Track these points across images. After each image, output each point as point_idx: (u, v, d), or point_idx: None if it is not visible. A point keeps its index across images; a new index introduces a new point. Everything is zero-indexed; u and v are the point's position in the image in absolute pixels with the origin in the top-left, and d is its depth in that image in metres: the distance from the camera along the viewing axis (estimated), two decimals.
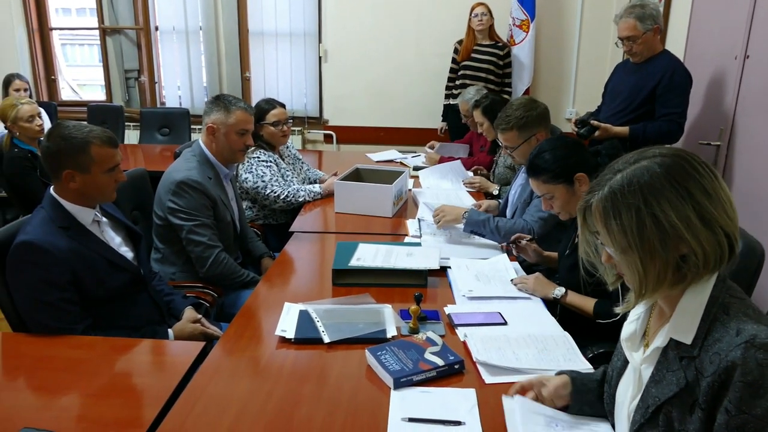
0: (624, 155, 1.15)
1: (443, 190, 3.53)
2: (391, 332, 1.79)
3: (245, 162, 3.21)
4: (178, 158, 2.65)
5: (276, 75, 5.68)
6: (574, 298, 2.00)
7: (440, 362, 1.59)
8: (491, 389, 1.53)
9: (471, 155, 4.30)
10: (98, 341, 1.80)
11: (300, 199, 3.24)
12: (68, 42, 8.18)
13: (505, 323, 1.89)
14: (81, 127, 1.90)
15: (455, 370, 1.60)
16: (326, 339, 1.74)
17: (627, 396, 1.24)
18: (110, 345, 1.78)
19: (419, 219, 2.87)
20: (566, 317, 1.97)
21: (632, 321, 1.27)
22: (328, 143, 5.80)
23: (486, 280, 2.19)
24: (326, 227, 2.99)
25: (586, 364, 1.64)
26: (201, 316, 2.16)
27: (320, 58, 5.58)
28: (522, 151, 2.67)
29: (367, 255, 2.25)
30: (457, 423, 1.39)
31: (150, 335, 1.96)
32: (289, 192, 3.22)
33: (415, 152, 4.65)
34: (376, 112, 5.66)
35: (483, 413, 1.43)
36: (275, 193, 3.20)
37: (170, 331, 2.03)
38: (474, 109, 3.76)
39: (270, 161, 3.26)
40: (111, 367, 1.67)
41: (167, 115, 5.42)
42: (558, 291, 2.03)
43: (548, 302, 2.05)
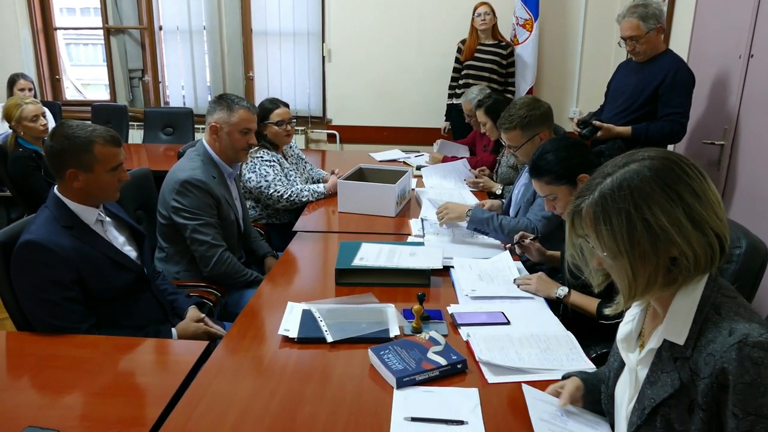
0: (613, 158, 1.15)
1: (446, 189, 3.53)
2: (394, 332, 1.79)
3: (249, 161, 3.21)
4: (182, 157, 2.65)
5: (279, 74, 5.69)
6: (578, 298, 2.00)
7: (443, 362, 1.59)
8: (494, 389, 1.53)
9: (473, 155, 4.30)
10: (102, 340, 1.80)
11: (303, 199, 3.24)
12: (72, 42, 8.21)
13: (508, 323, 1.89)
14: (84, 127, 1.91)
15: (458, 370, 1.60)
16: (329, 338, 1.74)
17: (625, 397, 1.24)
18: (114, 344, 1.78)
19: (422, 218, 2.87)
20: (569, 317, 1.97)
21: (628, 322, 1.27)
22: (332, 143, 5.81)
23: (489, 280, 2.19)
24: (329, 227, 2.99)
25: (589, 364, 1.64)
26: (204, 316, 2.16)
27: (323, 58, 5.58)
28: (525, 151, 2.67)
29: (370, 254, 2.26)
30: (460, 422, 1.39)
31: (153, 334, 1.96)
32: (293, 192, 3.23)
33: (418, 152, 4.65)
34: (380, 112, 5.66)
35: (486, 413, 1.43)
36: (278, 193, 3.20)
37: (174, 331, 2.03)
38: (477, 109, 3.75)
39: (273, 161, 3.26)
40: (115, 366, 1.67)
41: (171, 115, 5.43)
42: (561, 291, 2.03)
43: (551, 302, 2.05)
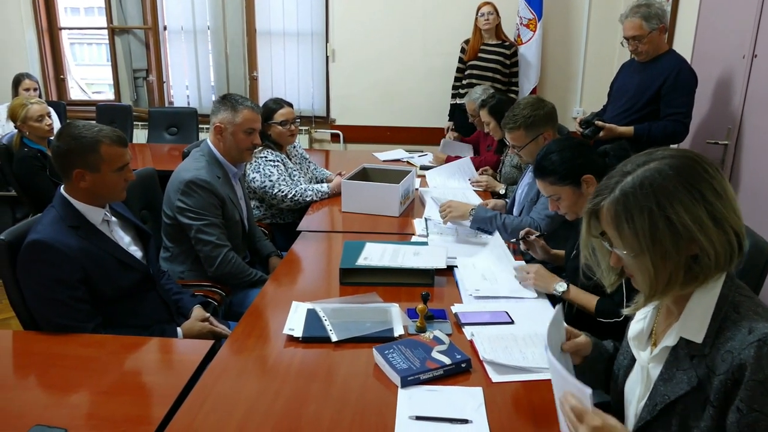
0: (630, 157, 1.15)
1: (450, 189, 3.53)
2: (399, 331, 1.79)
3: (253, 161, 3.22)
4: (187, 158, 2.66)
5: (283, 74, 5.69)
6: (577, 295, 1.98)
7: (447, 361, 1.60)
8: (498, 388, 1.54)
9: (476, 154, 4.30)
10: (108, 339, 1.81)
11: (307, 199, 3.25)
12: (77, 41, 8.21)
13: (512, 322, 1.89)
14: (91, 127, 1.92)
15: (462, 369, 1.60)
16: (334, 338, 1.75)
17: (635, 394, 1.24)
18: (120, 343, 1.79)
19: (426, 218, 2.87)
20: (573, 316, 1.97)
21: (639, 320, 1.27)
22: (335, 142, 5.81)
23: (493, 280, 2.19)
24: (333, 227, 3.00)
25: None
26: (209, 315, 2.17)
27: (327, 58, 5.59)
28: (529, 150, 2.67)
29: (375, 254, 2.26)
30: (464, 421, 1.40)
31: (159, 333, 1.97)
32: (297, 191, 3.23)
33: (422, 151, 4.65)
34: (383, 112, 5.66)
35: (490, 412, 1.43)
36: (282, 193, 3.21)
37: (179, 330, 2.05)
38: (481, 109, 3.75)
39: (277, 161, 3.27)
40: (121, 365, 1.69)
41: (175, 115, 5.44)
42: (559, 286, 2.01)
43: (555, 300, 2.04)
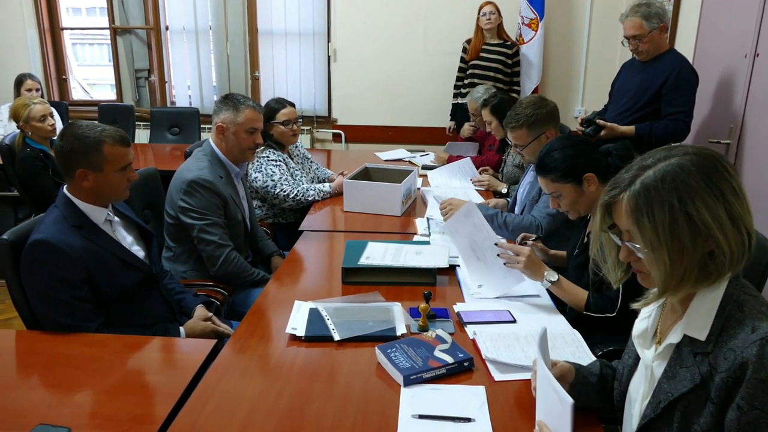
0: (649, 152, 1.14)
1: (452, 189, 3.53)
2: (401, 330, 1.80)
3: (255, 161, 3.22)
4: (190, 157, 2.66)
5: (285, 74, 5.70)
6: (568, 287, 1.95)
7: (450, 360, 1.60)
8: (500, 386, 1.54)
9: (480, 154, 4.30)
10: (111, 339, 1.82)
11: (309, 198, 3.25)
12: (79, 42, 8.23)
13: (514, 321, 1.89)
14: (94, 127, 1.93)
15: (465, 368, 1.61)
16: (336, 337, 1.75)
17: (639, 393, 1.24)
18: (123, 343, 1.80)
19: (428, 218, 2.87)
20: (575, 315, 1.97)
21: (644, 318, 1.27)
22: (337, 142, 5.82)
23: (481, 254, 2.16)
24: (335, 226, 3.00)
25: None
26: (212, 314, 2.17)
27: (329, 58, 5.59)
28: (531, 149, 2.67)
29: (377, 253, 2.26)
30: (467, 420, 1.40)
31: (162, 333, 1.97)
32: (299, 191, 3.24)
33: (424, 151, 4.65)
34: (385, 111, 5.67)
35: (493, 410, 1.43)
36: (284, 192, 3.21)
37: (182, 329, 2.05)
38: (483, 108, 3.75)
39: (279, 160, 3.27)
40: (124, 365, 1.69)
41: (177, 115, 5.45)
42: (549, 275, 1.96)
43: (557, 300, 2.04)
